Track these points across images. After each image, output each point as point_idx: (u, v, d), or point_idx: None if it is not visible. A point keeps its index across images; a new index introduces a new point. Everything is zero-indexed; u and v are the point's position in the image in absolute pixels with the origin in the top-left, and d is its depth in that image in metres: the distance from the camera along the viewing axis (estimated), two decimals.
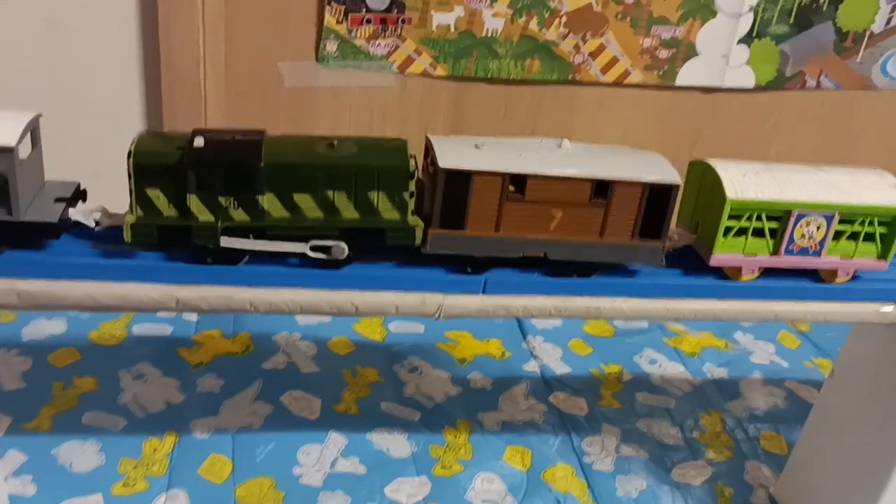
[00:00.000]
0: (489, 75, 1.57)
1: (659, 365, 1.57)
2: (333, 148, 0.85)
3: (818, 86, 1.72)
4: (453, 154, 0.86)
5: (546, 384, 1.48)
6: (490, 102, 1.61)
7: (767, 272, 0.96)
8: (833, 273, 0.97)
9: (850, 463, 1.14)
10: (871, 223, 0.94)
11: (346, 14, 1.46)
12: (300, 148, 0.85)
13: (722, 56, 1.63)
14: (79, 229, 0.88)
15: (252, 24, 1.45)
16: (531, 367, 1.52)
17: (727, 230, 0.92)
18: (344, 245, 0.86)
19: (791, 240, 0.93)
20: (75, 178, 0.89)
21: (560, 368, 1.53)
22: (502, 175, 0.85)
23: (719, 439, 1.40)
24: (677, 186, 0.88)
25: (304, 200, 0.85)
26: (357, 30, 1.48)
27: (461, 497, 1.22)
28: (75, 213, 0.86)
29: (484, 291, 0.92)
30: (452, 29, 1.51)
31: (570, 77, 1.60)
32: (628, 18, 1.56)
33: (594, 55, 1.58)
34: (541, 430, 1.37)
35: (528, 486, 1.26)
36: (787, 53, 1.66)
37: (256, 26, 1.45)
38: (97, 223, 0.87)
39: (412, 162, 0.85)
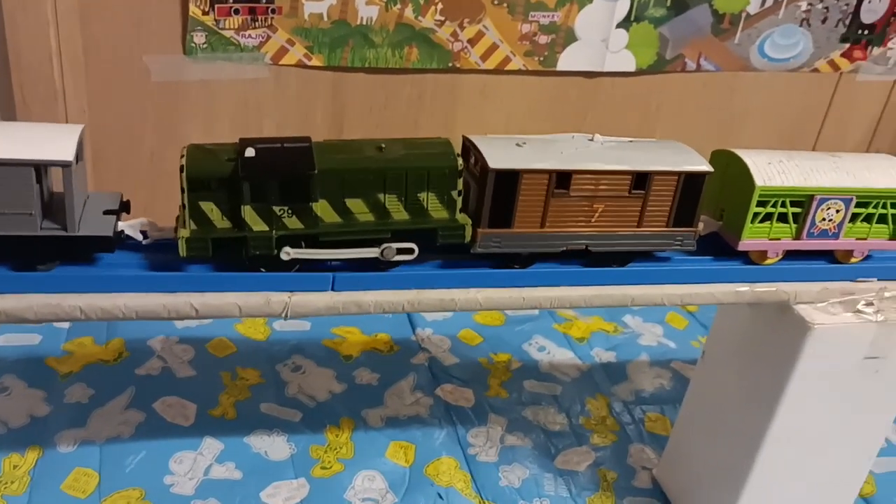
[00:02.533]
0: (367, 64, 1.54)
1: (548, 352, 1.57)
2: (382, 151, 0.86)
3: (698, 68, 1.74)
4: (500, 154, 0.88)
5: (434, 377, 1.46)
6: (370, 92, 1.58)
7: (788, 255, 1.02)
8: (849, 254, 1.03)
9: (722, 441, 1.16)
10: (884, 206, 1.01)
11: (211, 4, 1.41)
12: (351, 153, 0.86)
13: (601, 41, 1.64)
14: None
15: (111, 17, 1.38)
16: (419, 359, 1.50)
17: (754, 216, 0.97)
18: (396, 247, 0.87)
19: (813, 223, 0.99)
20: None
21: (448, 360, 1.51)
22: (549, 172, 0.88)
23: (605, 424, 1.41)
24: (710, 174, 0.93)
25: (357, 205, 0.86)
26: (225, 20, 1.43)
27: (340, 497, 1.19)
28: (125, 227, 0.85)
29: (333, 288, 0.89)
30: (325, 18, 1.47)
31: (450, 65, 1.58)
32: (505, 4, 1.55)
33: (473, 42, 1.57)
34: (426, 424, 1.35)
35: (411, 482, 1.24)
36: (666, 36, 1.67)
37: (116, 18, 1.39)
38: (145, 236, 0.87)
39: (459, 161, 0.86)
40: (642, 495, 1.28)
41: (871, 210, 1.01)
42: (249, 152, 0.82)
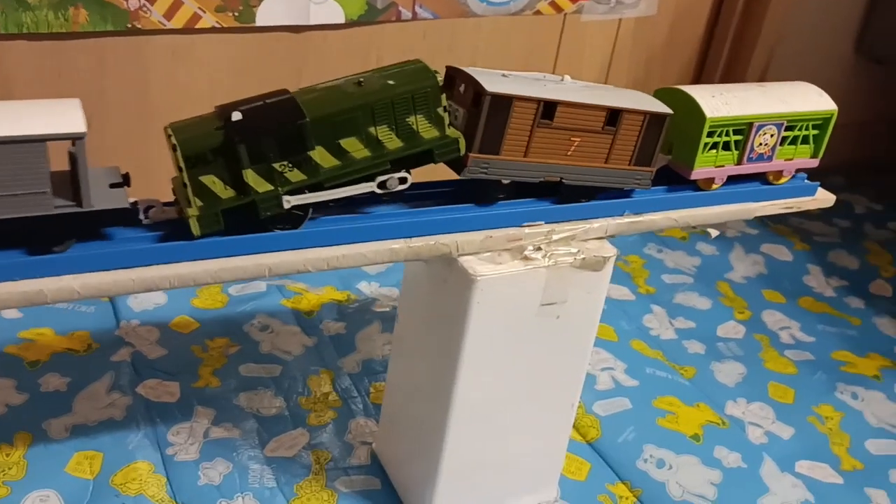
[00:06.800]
0: (25, 30, 1.35)
1: (271, 330, 1.45)
2: (362, 86, 0.87)
3: (415, 16, 1.65)
4: (493, 81, 0.90)
5: (136, 373, 1.32)
6: (38, 63, 1.39)
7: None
8: (779, 174, 1.12)
9: (420, 404, 1.09)
10: (807, 127, 1.10)
11: None
12: (334, 94, 0.86)
13: None
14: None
15: None
16: (121, 356, 1.35)
17: (704, 146, 1.04)
18: (398, 177, 0.89)
19: (752, 148, 1.07)
20: None
21: (155, 352, 1.37)
22: (538, 101, 0.91)
23: (326, 401, 1.32)
24: (671, 116, 0.99)
25: (351, 144, 0.86)
26: None
27: None
28: (139, 202, 0.84)
29: None
30: None
31: (128, 26, 1.42)
32: None
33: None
34: (119, 428, 1.21)
35: (92, 496, 1.10)
36: None
37: None
38: (146, 216, 0.85)
39: (439, 76, 0.89)
40: (358, 473, 1.20)
41: (796, 132, 1.10)
42: (236, 116, 0.81)
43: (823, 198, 1.17)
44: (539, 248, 0.98)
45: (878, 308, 1.77)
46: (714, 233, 1.13)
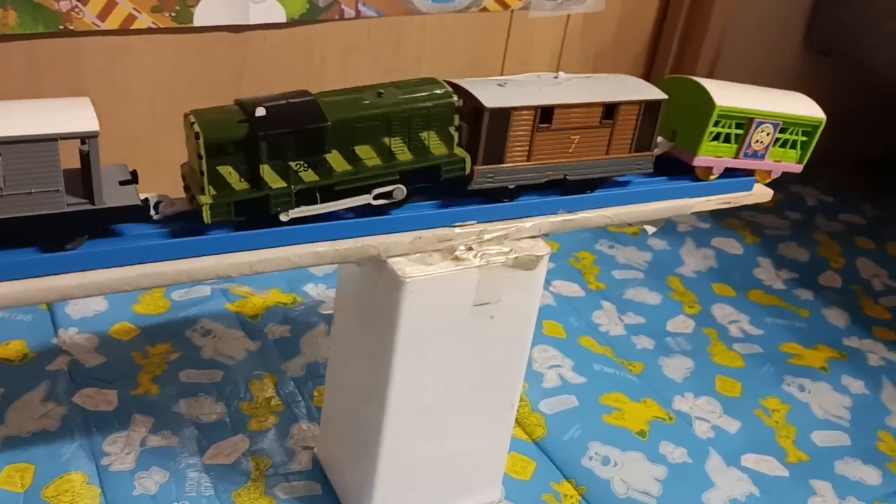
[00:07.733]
0: None
1: (214, 335, 1.43)
2: (381, 97, 0.89)
3: (358, 15, 1.63)
4: (491, 95, 0.93)
5: (73, 382, 1.29)
6: None
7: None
8: (767, 174, 1.15)
9: (357, 407, 1.08)
10: (798, 132, 1.13)
11: None
12: (354, 102, 0.88)
13: None
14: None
15: None
16: (58, 364, 1.32)
17: (709, 134, 1.06)
18: (403, 188, 0.91)
19: (749, 144, 1.09)
20: None
21: (93, 360, 1.34)
22: (535, 108, 0.94)
23: (268, 406, 1.30)
24: (666, 101, 1.01)
25: (365, 151, 0.89)
26: None
27: None
28: (150, 198, 0.85)
29: None
30: None
31: (61, 27, 1.39)
32: None
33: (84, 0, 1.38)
34: (54, 439, 1.19)
35: None
36: None
37: None
38: (157, 211, 0.86)
39: (456, 97, 0.91)
40: (299, 478, 1.18)
41: (787, 136, 1.13)
42: (260, 111, 0.83)
43: (761, 192, 1.18)
44: (470, 248, 0.97)
45: (826, 299, 1.79)
46: (651, 229, 1.12)
